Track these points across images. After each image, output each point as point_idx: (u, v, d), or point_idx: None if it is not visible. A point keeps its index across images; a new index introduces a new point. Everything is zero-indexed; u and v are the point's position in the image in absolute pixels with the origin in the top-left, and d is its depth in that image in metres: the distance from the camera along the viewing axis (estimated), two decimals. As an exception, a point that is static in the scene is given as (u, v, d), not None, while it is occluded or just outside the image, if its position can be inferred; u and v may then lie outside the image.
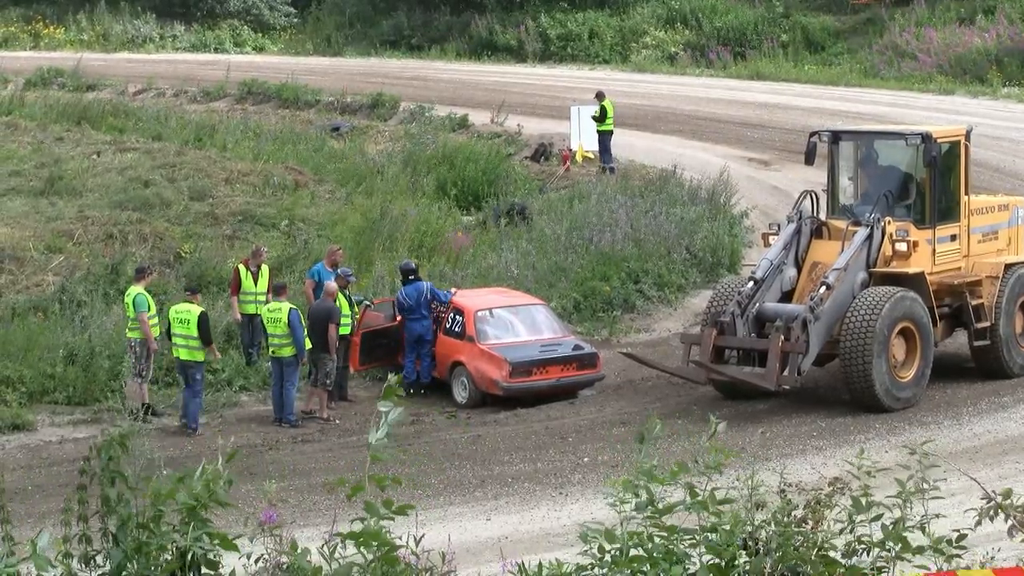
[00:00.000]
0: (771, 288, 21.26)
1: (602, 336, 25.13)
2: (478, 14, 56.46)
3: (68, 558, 5.33)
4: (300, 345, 21.00)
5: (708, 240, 28.41)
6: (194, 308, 21.09)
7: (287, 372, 21.18)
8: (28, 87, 45.50)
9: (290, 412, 21.21)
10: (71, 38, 57.88)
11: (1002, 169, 33.60)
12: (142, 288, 21.56)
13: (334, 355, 21.54)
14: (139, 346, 21.26)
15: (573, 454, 19.32)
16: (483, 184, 33.02)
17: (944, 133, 22.09)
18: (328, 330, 21.37)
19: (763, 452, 18.48)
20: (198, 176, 31.34)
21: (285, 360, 21.13)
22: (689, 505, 5.78)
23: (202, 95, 45.74)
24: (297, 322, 20.93)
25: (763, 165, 36.13)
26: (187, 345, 20.90)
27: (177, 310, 21.19)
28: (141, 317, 21.20)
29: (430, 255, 27.84)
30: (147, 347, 21.25)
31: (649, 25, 54.38)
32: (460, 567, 6.52)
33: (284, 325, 20.94)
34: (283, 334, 21.00)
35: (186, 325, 20.88)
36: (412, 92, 44.37)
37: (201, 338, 20.83)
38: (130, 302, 21.41)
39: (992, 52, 46.43)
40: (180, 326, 20.94)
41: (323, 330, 21.34)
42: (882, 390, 20.41)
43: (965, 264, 22.18)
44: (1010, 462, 18.25)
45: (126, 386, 21.54)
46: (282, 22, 60.31)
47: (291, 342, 21.01)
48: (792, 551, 5.81)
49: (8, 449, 20.24)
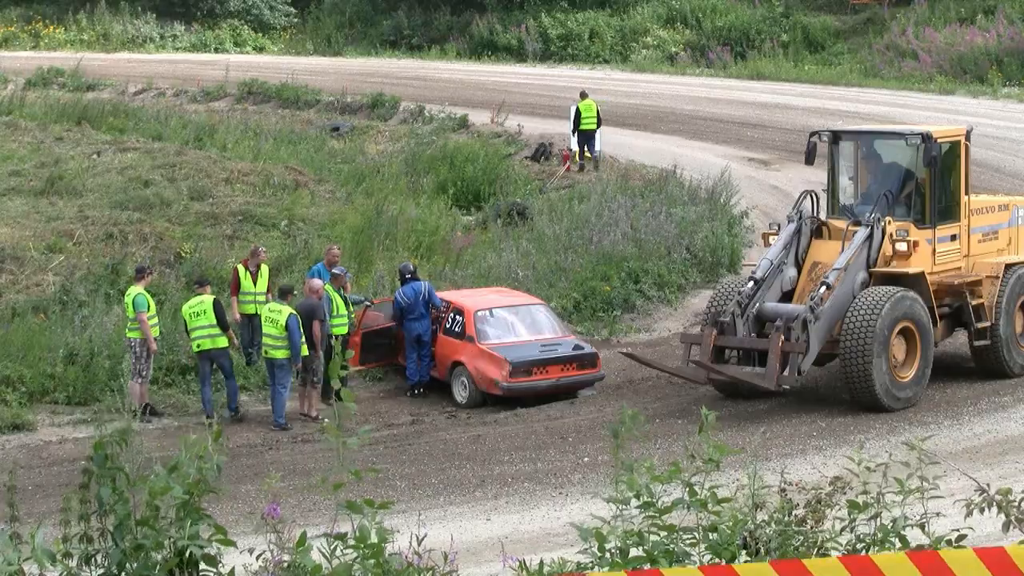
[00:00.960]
0: (771, 288, 21.26)
1: (602, 336, 25.14)
2: (478, 14, 56.48)
3: (68, 557, 5.32)
4: (296, 350, 21.00)
5: (708, 240, 28.41)
6: (206, 298, 21.43)
7: (278, 374, 21.19)
8: (28, 87, 45.50)
9: (280, 415, 21.24)
10: (71, 38, 57.89)
11: (1002, 169, 33.61)
12: (142, 288, 21.60)
13: (320, 353, 21.55)
14: (139, 346, 21.28)
15: (573, 454, 19.32)
16: (483, 184, 33.04)
17: (944, 133, 22.09)
18: (312, 327, 21.41)
19: (763, 452, 18.47)
20: (198, 176, 31.34)
21: (277, 362, 21.14)
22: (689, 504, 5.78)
23: (202, 95, 45.75)
24: (295, 327, 20.93)
25: (763, 165, 36.14)
26: (209, 335, 21.25)
27: (190, 304, 21.48)
28: (140, 317, 21.23)
29: (429, 255, 27.85)
30: (147, 347, 21.28)
31: (650, 24, 54.40)
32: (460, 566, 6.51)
33: (281, 327, 20.94)
34: (278, 335, 21.00)
35: (203, 316, 21.20)
36: (412, 92, 44.38)
37: (219, 324, 21.22)
38: (130, 302, 21.45)
39: (992, 52, 46.44)
40: (197, 319, 21.25)
41: (308, 328, 21.37)
42: (882, 390, 20.40)
43: (965, 264, 22.17)
44: (1010, 462, 18.25)
45: (127, 386, 21.55)
46: (282, 22, 60.33)
47: (285, 345, 21.01)
48: (792, 551, 5.81)
49: (8, 449, 20.24)
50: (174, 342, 22.58)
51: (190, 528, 5.26)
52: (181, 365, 22.61)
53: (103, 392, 21.78)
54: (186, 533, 5.24)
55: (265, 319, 21.45)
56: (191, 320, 21.36)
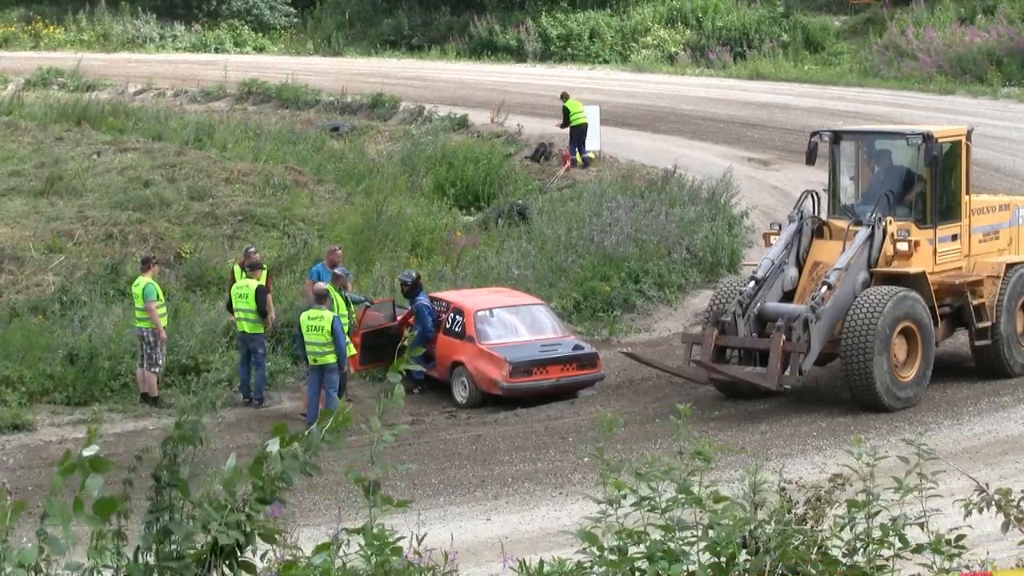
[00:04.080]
0: (772, 288, 21.26)
1: (602, 336, 25.12)
2: (478, 14, 56.47)
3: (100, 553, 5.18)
4: (343, 353, 20.99)
5: (708, 240, 28.40)
6: (252, 283, 22.08)
7: (329, 378, 21.04)
8: (28, 87, 45.50)
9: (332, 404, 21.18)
10: (71, 38, 57.85)
11: (1002, 169, 33.60)
12: (150, 278, 21.80)
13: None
14: (151, 335, 21.42)
15: (573, 454, 19.30)
16: (482, 184, 33.03)
17: (945, 133, 22.09)
18: None
19: (763, 452, 18.46)
20: (198, 176, 31.33)
21: (328, 367, 21.03)
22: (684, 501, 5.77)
23: (202, 95, 45.73)
24: (340, 331, 20.93)
25: (763, 165, 36.13)
26: (247, 318, 21.95)
27: (237, 286, 22.28)
28: (149, 306, 21.43)
29: (429, 255, 27.84)
30: (157, 336, 21.41)
31: (650, 24, 54.38)
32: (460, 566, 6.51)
33: (327, 333, 20.85)
34: (324, 341, 20.87)
35: (245, 299, 21.99)
36: (412, 92, 44.37)
37: (258, 310, 21.92)
38: (139, 292, 21.71)
39: (992, 52, 46.43)
40: (240, 300, 22.09)
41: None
42: (883, 389, 20.40)
43: (966, 264, 22.17)
44: (1010, 462, 18.24)
45: (137, 374, 21.73)
46: (282, 22, 60.30)
47: (332, 349, 20.95)
48: (792, 550, 5.80)
49: (8, 449, 20.23)
50: (174, 342, 22.56)
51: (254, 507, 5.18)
52: (181, 365, 22.60)
53: (103, 392, 21.80)
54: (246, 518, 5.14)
55: (307, 327, 21.07)
56: (235, 301, 22.19)
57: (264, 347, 22.21)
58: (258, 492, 5.22)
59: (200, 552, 5.18)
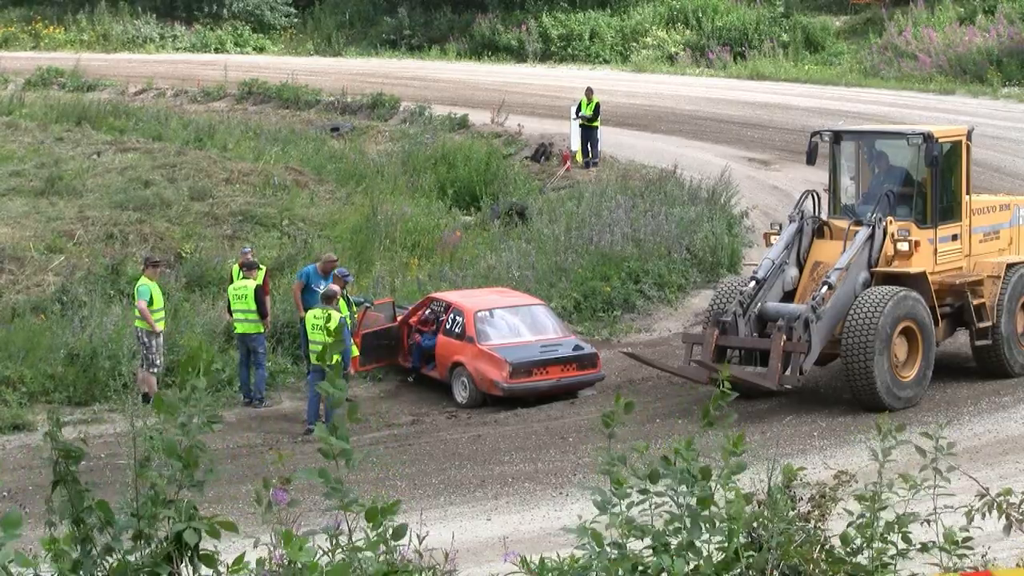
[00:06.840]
0: (773, 288, 21.25)
1: (602, 336, 25.11)
2: (479, 14, 56.47)
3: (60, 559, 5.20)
4: (347, 355, 20.98)
5: (708, 240, 28.40)
6: (250, 283, 22.15)
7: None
8: (28, 87, 45.50)
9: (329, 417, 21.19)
10: (71, 38, 57.87)
11: (1002, 169, 33.60)
12: (147, 279, 21.88)
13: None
14: (145, 336, 21.43)
15: (573, 454, 19.29)
16: (481, 184, 33.02)
17: (945, 133, 22.08)
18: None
19: (763, 452, 18.44)
20: (198, 176, 31.33)
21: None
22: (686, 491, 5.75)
23: (202, 95, 45.73)
24: (347, 332, 20.94)
25: (763, 165, 36.13)
26: (246, 319, 22.09)
27: (235, 287, 22.33)
28: (140, 306, 21.46)
29: (428, 255, 27.84)
30: (152, 336, 21.41)
31: (650, 24, 54.38)
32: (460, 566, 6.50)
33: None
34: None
35: (244, 300, 22.09)
36: (412, 92, 44.35)
37: (258, 310, 22.06)
38: (135, 292, 21.80)
39: (992, 52, 46.43)
40: (238, 302, 22.17)
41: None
42: (884, 389, 20.39)
43: (966, 264, 22.16)
44: (1010, 462, 18.23)
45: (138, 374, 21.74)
46: (282, 22, 60.30)
47: (338, 351, 20.89)
48: (795, 548, 5.79)
49: (8, 449, 20.21)
50: (174, 343, 22.56)
51: (187, 507, 5.20)
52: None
53: (103, 392, 21.78)
54: (183, 514, 5.16)
55: (313, 327, 21.08)
56: (234, 302, 22.25)
57: (264, 347, 22.24)
58: (187, 477, 5.23)
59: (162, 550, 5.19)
